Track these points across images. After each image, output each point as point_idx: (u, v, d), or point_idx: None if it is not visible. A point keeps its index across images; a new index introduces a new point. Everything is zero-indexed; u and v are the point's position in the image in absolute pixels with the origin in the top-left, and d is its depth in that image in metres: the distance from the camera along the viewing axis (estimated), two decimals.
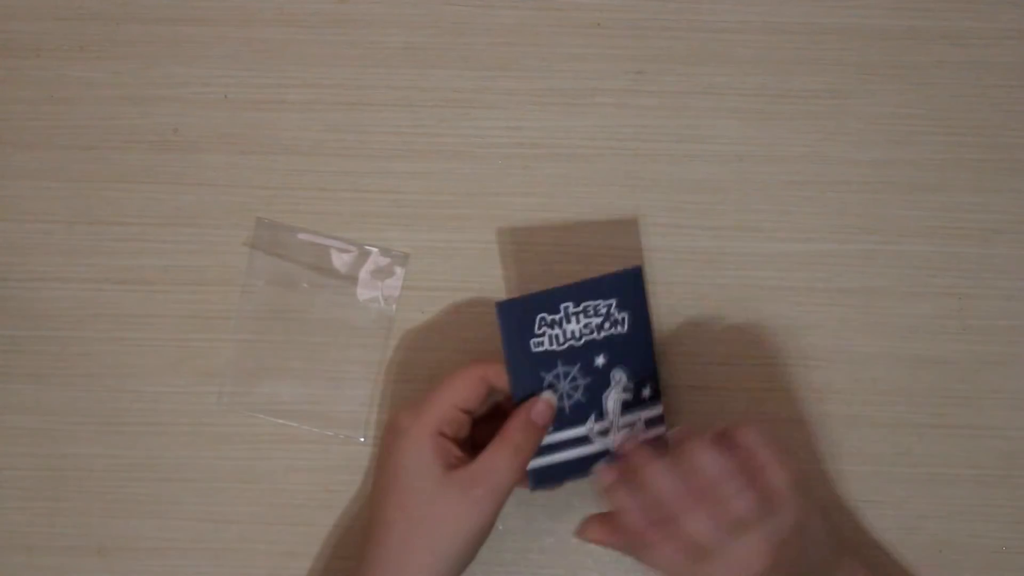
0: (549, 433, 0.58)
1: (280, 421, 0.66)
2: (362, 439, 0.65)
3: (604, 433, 0.58)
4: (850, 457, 0.65)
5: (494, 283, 0.66)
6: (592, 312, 0.57)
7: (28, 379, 0.66)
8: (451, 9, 0.68)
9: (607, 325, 0.57)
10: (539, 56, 0.68)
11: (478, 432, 0.60)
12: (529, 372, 0.57)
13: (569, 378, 0.57)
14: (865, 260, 0.66)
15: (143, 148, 0.67)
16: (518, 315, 0.56)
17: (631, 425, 0.58)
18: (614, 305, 0.57)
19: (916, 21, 0.67)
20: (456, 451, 0.58)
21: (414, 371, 0.66)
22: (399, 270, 0.66)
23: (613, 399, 0.58)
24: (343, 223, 0.67)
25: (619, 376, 0.58)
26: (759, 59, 0.67)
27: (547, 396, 0.57)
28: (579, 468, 0.59)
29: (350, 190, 0.67)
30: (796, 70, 0.67)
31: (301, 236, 0.66)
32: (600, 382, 0.58)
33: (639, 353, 0.59)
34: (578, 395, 0.58)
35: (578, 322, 0.57)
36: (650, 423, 0.59)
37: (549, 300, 0.57)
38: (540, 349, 0.57)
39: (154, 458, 0.66)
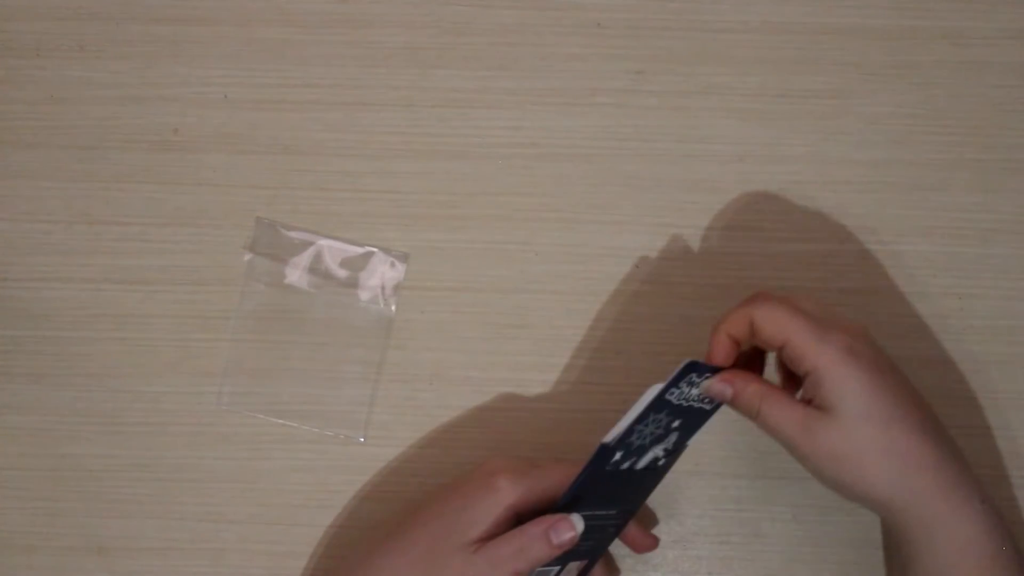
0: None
1: (280, 421, 0.66)
2: (361, 439, 0.65)
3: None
4: None
5: (494, 283, 0.66)
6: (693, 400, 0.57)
7: (28, 379, 0.66)
8: (451, 9, 0.68)
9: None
10: (539, 56, 0.68)
11: None
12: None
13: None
14: (865, 260, 0.66)
15: (143, 148, 0.67)
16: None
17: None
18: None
19: (916, 21, 0.67)
20: (504, 530, 0.55)
21: (414, 371, 0.66)
22: (399, 270, 0.66)
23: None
24: (343, 223, 0.67)
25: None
26: (759, 59, 0.67)
27: (575, 519, 0.55)
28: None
29: (350, 190, 0.67)
30: (796, 70, 0.67)
31: (301, 236, 0.66)
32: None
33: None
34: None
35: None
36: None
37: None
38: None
39: (154, 458, 0.66)
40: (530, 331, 0.66)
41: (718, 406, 0.58)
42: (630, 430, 0.54)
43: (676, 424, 0.57)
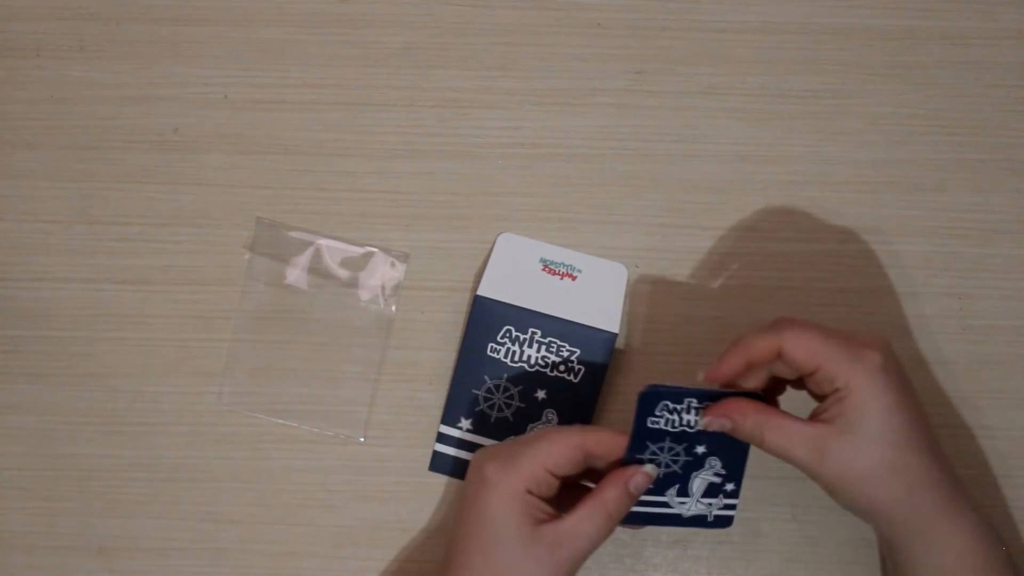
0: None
1: (280, 421, 0.66)
2: (361, 439, 0.65)
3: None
4: None
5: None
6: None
7: (28, 379, 0.66)
8: (451, 9, 0.68)
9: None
10: (539, 56, 0.68)
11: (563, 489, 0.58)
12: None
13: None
14: (865, 260, 0.66)
15: (143, 148, 0.67)
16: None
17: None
18: None
19: (916, 21, 0.67)
20: (544, 507, 0.55)
21: (414, 371, 0.66)
22: (399, 270, 0.66)
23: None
24: (343, 223, 0.67)
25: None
26: (759, 59, 0.67)
27: (649, 469, 0.56)
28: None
29: (350, 190, 0.67)
30: (796, 70, 0.67)
31: (301, 236, 0.66)
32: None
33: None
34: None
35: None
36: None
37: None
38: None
39: (154, 458, 0.66)
40: None
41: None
42: (635, 459, 0.56)
43: (701, 449, 0.57)
